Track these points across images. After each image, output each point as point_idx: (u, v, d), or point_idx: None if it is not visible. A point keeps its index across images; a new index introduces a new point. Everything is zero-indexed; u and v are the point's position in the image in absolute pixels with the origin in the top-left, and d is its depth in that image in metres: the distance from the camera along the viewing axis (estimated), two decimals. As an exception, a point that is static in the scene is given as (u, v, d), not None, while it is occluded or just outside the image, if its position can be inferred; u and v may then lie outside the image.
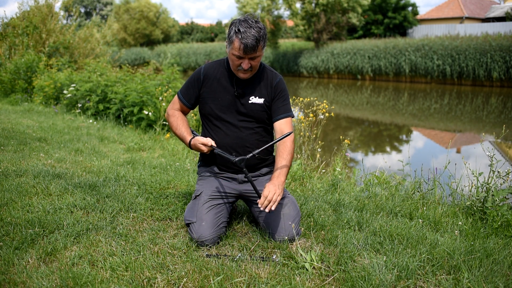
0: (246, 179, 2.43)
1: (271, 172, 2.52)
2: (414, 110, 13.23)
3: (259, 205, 2.09)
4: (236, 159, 2.19)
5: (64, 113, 7.15)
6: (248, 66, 2.22)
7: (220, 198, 2.37)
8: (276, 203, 2.09)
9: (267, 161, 2.50)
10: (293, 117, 2.47)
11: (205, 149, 2.27)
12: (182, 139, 2.40)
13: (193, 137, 2.34)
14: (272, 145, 2.53)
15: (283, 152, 2.32)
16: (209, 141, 2.26)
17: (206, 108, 2.42)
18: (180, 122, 2.44)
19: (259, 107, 2.38)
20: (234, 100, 2.37)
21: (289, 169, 2.31)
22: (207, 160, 2.52)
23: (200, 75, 2.42)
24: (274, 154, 2.58)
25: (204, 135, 2.48)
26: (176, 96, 2.54)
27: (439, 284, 1.87)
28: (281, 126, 2.39)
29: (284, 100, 2.42)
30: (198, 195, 2.38)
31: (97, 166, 3.71)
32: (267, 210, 2.08)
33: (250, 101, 2.37)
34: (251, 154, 2.23)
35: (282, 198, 2.38)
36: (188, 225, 2.28)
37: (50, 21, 11.50)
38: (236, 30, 2.15)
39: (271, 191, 2.09)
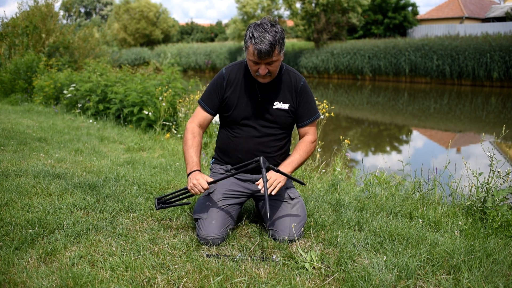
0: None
1: None
2: (414, 110, 13.23)
3: (257, 184, 2.10)
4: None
5: (64, 113, 7.15)
6: (265, 71, 2.16)
7: (232, 198, 2.36)
8: (276, 189, 2.13)
9: None
10: (318, 117, 2.45)
11: (197, 190, 2.15)
12: (187, 162, 2.29)
13: (198, 171, 2.22)
14: (288, 152, 2.51)
15: (301, 148, 2.34)
16: (206, 187, 2.16)
17: (228, 113, 2.36)
18: (196, 145, 2.32)
19: (284, 112, 2.34)
20: (258, 106, 2.32)
21: (300, 164, 2.33)
22: (222, 159, 2.51)
23: (223, 80, 2.34)
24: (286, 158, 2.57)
25: (223, 138, 2.45)
26: (197, 109, 2.42)
27: (439, 284, 1.87)
28: (306, 131, 2.42)
29: (310, 103, 2.39)
30: (211, 192, 2.36)
31: (97, 166, 3.71)
32: (268, 191, 2.09)
33: (274, 107, 2.32)
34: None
35: (292, 199, 2.38)
36: (196, 220, 2.27)
37: (50, 21, 11.49)
38: (251, 35, 2.09)
39: (272, 177, 2.14)
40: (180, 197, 2.36)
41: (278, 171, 2.15)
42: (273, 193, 2.13)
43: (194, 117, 2.42)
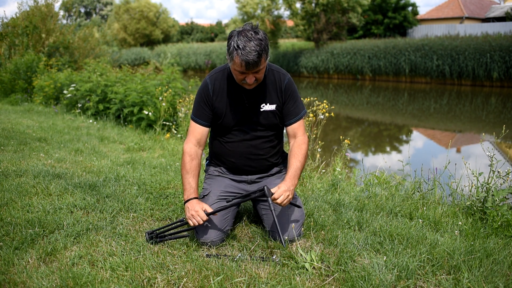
0: (255, 180, 2.43)
1: (280, 171, 2.51)
2: (414, 110, 13.23)
3: (272, 200, 2.08)
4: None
5: (64, 113, 7.15)
6: (253, 80, 2.14)
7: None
8: (287, 201, 2.12)
9: (277, 163, 2.51)
10: (305, 114, 2.42)
11: (196, 221, 2.13)
12: (184, 187, 2.25)
13: (196, 199, 2.20)
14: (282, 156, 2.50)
15: (298, 154, 2.29)
16: (206, 219, 2.15)
17: (218, 121, 2.34)
18: (194, 169, 2.28)
19: (271, 114, 2.33)
20: (246, 111, 2.31)
21: (302, 170, 2.30)
22: (216, 162, 2.50)
23: (209, 90, 2.30)
24: (280, 156, 2.57)
25: (215, 144, 2.44)
26: (191, 125, 2.36)
27: (439, 284, 1.87)
28: (294, 130, 2.36)
29: (295, 101, 2.35)
30: (206, 195, 2.35)
31: (97, 166, 3.71)
32: (281, 203, 2.09)
33: (262, 109, 2.31)
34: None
35: None
36: None
37: (50, 21, 11.50)
38: (236, 46, 2.02)
39: (284, 194, 2.10)
40: (175, 230, 2.27)
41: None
42: (283, 204, 2.11)
43: (190, 135, 2.35)
